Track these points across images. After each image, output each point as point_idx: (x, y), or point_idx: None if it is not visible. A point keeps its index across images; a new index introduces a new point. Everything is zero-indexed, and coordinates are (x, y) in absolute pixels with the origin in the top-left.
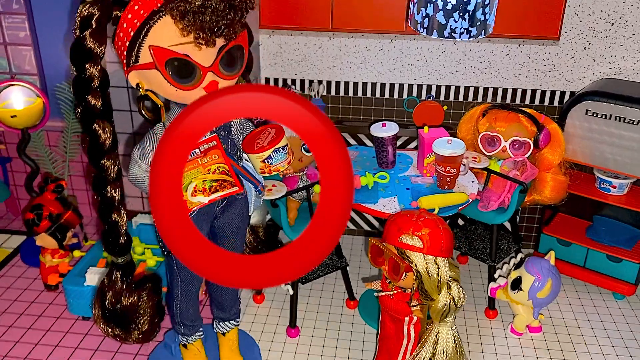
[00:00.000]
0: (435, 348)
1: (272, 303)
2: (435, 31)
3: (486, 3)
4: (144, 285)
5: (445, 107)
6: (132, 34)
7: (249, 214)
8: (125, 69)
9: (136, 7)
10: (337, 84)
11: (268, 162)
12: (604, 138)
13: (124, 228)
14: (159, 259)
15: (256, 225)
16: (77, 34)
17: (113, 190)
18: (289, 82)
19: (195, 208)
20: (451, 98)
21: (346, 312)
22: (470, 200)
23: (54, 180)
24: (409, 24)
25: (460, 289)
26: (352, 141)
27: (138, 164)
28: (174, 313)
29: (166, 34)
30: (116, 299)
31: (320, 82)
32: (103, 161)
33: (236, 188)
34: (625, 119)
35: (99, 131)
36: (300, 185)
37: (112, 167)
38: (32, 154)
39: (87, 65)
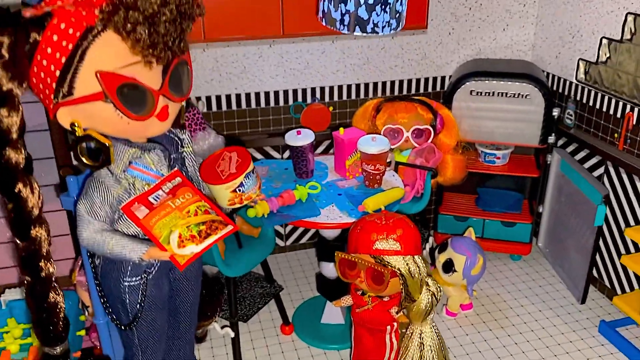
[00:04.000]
0: (422, 349)
1: (199, 352)
2: (357, 27)
3: None
4: None
5: (331, 108)
6: (63, 60)
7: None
8: (51, 106)
9: (63, 26)
10: (218, 98)
11: (240, 190)
12: (488, 114)
13: (63, 309)
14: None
15: None
16: None
17: (49, 265)
18: None
19: (188, 263)
20: (335, 98)
21: (284, 340)
22: (406, 193)
23: None
24: (323, 23)
25: (435, 282)
26: None
27: (90, 224)
28: None
29: (109, 54)
30: None
31: (198, 98)
32: (33, 231)
33: (230, 227)
34: (506, 93)
35: (25, 193)
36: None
37: (44, 236)
38: None
39: (2, 112)
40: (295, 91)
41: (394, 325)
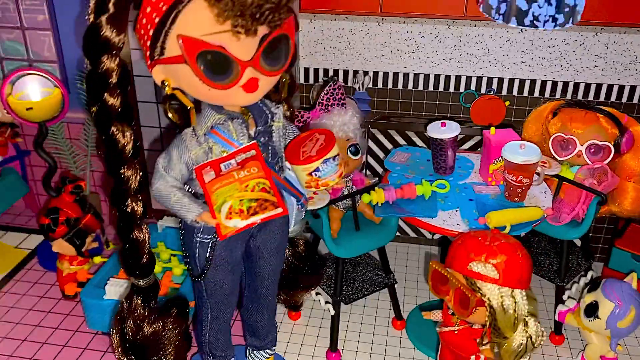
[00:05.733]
0: None
1: (309, 320)
2: (514, 18)
3: None
4: (169, 310)
5: (507, 103)
6: (157, 20)
7: (290, 231)
8: (148, 62)
9: None
10: (385, 75)
11: (316, 175)
12: None
13: (147, 246)
14: (166, 264)
15: (295, 238)
16: (91, 19)
17: (134, 204)
18: (331, 72)
19: (228, 234)
20: (515, 92)
21: (392, 334)
22: (547, 216)
23: (72, 180)
24: (480, 9)
25: (538, 325)
26: (400, 140)
27: (163, 177)
28: (203, 342)
29: (198, 20)
30: (137, 328)
31: (366, 73)
32: (123, 170)
33: (280, 210)
34: None
35: (118, 135)
36: (345, 193)
37: (133, 177)
38: (51, 148)
39: (103, 58)
40: (468, 78)
41: (479, 357)
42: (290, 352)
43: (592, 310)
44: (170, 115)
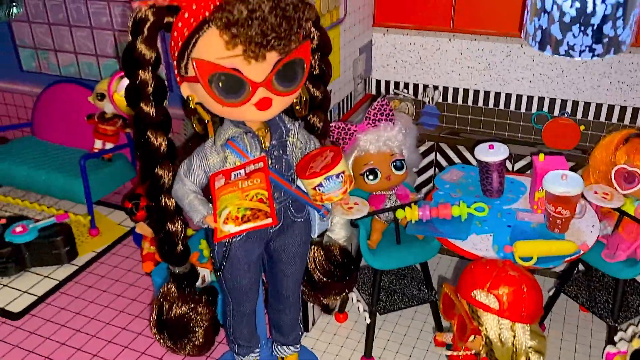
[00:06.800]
0: None
1: (355, 325)
2: (549, 47)
3: (618, 15)
4: (200, 297)
5: (582, 127)
6: (180, 44)
7: (314, 237)
8: (178, 79)
9: (186, 15)
10: (455, 90)
11: (319, 189)
12: None
13: (181, 237)
14: None
15: (331, 245)
16: (129, 39)
17: (167, 199)
18: (401, 86)
19: (223, 238)
20: (590, 117)
21: (433, 349)
22: (582, 252)
23: None
24: (521, 35)
25: None
26: (469, 156)
27: (182, 181)
28: (228, 331)
29: (213, 45)
30: (169, 309)
31: (436, 87)
32: (156, 170)
33: (269, 220)
34: None
35: (152, 139)
36: (387, 206)
37: (166, 176)
38: None
39: (139, 72)
40: (541, 99)
41: None
42: (329, 352)
43: (637, 357)
44: (194, 126)
